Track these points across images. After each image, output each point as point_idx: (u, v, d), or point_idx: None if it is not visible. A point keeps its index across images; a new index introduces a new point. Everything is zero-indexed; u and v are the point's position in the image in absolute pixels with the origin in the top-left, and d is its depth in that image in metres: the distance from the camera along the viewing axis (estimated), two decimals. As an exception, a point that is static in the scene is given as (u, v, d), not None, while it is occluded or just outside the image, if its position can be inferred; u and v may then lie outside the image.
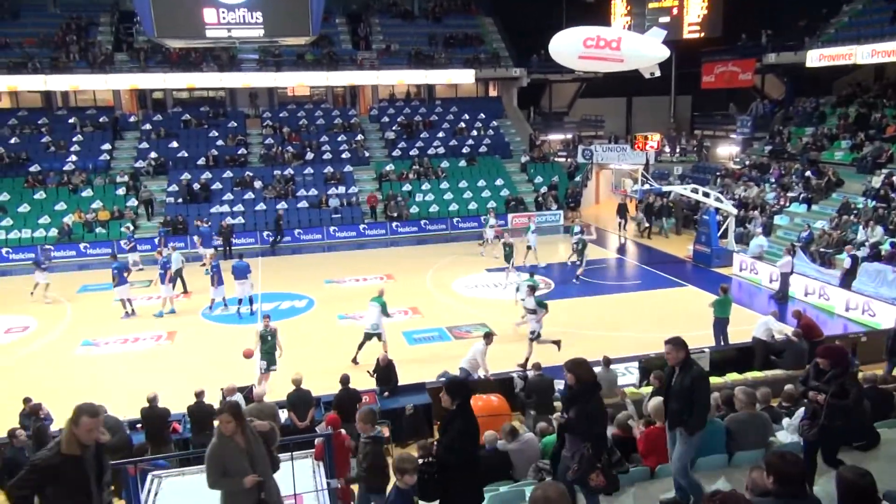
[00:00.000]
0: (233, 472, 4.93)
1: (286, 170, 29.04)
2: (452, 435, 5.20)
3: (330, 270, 21.72)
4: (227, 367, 13.57)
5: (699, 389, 5.81)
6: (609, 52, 14.96)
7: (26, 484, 4.28)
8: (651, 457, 6.81)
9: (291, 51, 31.15)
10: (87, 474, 4.38)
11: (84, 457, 4.37)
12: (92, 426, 4.37)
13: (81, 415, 4.37)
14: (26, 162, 27.56)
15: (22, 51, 29.53)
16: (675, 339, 5.90)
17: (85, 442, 4.39)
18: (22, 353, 15.15)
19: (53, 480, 4.28)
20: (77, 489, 4.34)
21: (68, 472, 4.30)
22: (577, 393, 5.47)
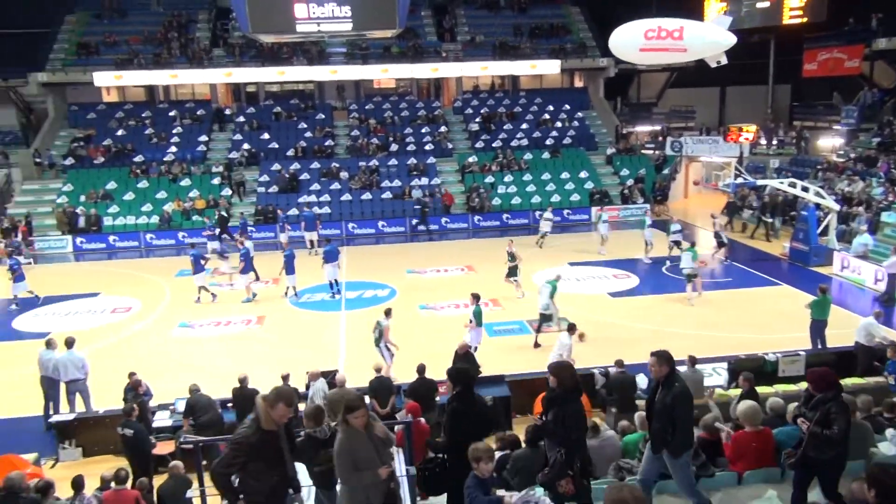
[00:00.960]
0: (363, 465, 4.92)
1: (371, 161, 29.58)
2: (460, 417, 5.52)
3: (412, 261, 21.99)
4: (312, 352, 14.03)
5: (680, 408, 5.53)
6: (671, 43, 14.50)
7: (234, 461, 4.51)
8: (739, 462, 6.54)
9: (378, 44, 31.66)
10: (281, 447, 4.61)
11: (279, 432, 4.60)
12: (285, 413, 4.59)
13: (279, 400, 4.56)
14: (131, 153, 29.27)
15: (128, 48, 31.37)
16: (660, 352, 5.69)
17: (279, 421, 4.63)
18: (126, 333, 16.15)
19: (255, 456, 4.50)
20: (274, 462, 4.56)
21: (267, 446, 4.51)
22: (558, 396, 5.42)
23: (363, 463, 4.89)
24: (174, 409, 10.41)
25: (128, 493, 7.48)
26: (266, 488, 4.60)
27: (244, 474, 4.58)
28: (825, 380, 5.60)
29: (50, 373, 11.22)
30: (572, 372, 5.58)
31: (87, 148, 29.34)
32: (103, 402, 11.36)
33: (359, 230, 26.70)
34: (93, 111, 31.85)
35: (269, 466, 4.59)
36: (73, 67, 30.69)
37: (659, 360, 5.63)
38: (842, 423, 5.34)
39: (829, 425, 5.31)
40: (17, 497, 6.32)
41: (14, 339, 15.58)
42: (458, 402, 5.62)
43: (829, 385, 5.54)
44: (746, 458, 6.46)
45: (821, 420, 5.38)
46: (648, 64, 27.79)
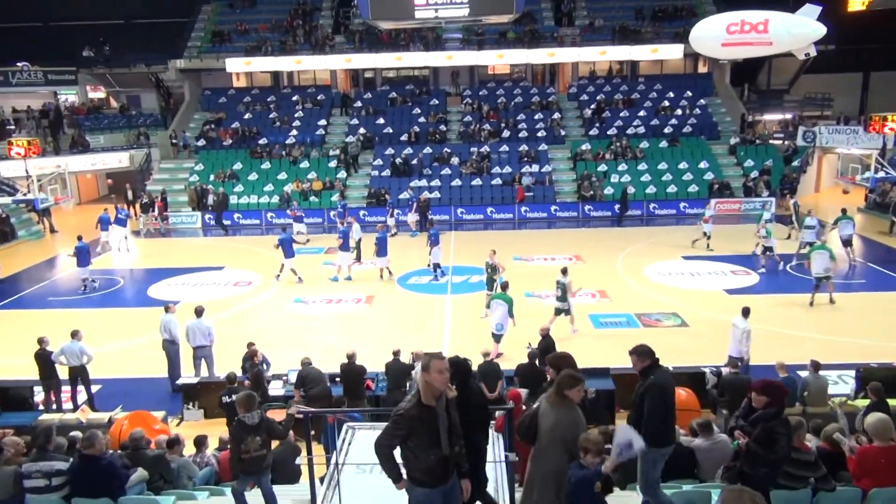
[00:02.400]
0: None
1: (482, 147, 29.61)
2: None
3: (519, 248, 21.86)
4: (418, 333, 14.30)
5: (649, 399, 5.25)
6: (755, 36, 13.74)
7: (394, 434, 4.59)
8: (864, 479, 6.03)
9: (494, 29, 31.55)
10: (438, 426, 4.58)
11: (437, 409, 4.59)
12: (442, 367, 4.53)
13: (431, 360, 4.56)
14: (256, 135, 30.89)
15: (257, 35, 33.03)
16: (639, 347, 5.48)
17: (439, 387, 4.56)
18: (245, 305, 17.14)
19: (414, 431, 4.55)
20: (431, 439, 4.57)
21: (425, 423, 4.53)
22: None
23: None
24: (287, 380, 10.95)
25: (242, 454, 7.95)
26: (423, 466, 4.59)
27: (405, 449, 4.62)
28: (776, 393, 5.28)
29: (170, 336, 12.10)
30: (571, 363, 5.46)
31: (217, 130, 31.25)
32: (224, 369, 12.12)
33: (467, 215, 26.86)
34: (223, 96, 33.86)
35: (426, 444, 4.57)
36: (207, 54, 32.72)
37: (639, 357, 5.42)
38: (785, 443, 5.13)
39: (772, 445, 5.09)
40: (140, 452, 6.88)
41: (148, 306, 16.93)
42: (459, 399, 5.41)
43: (778, 399, 5.25)
44: (873, 474, 5.94)
45: (762, 438, 5.14)
46: (731, 59, 26.44)
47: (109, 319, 16.14)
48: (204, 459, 7.78)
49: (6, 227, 24.77)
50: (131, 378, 12.58)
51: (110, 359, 12.93)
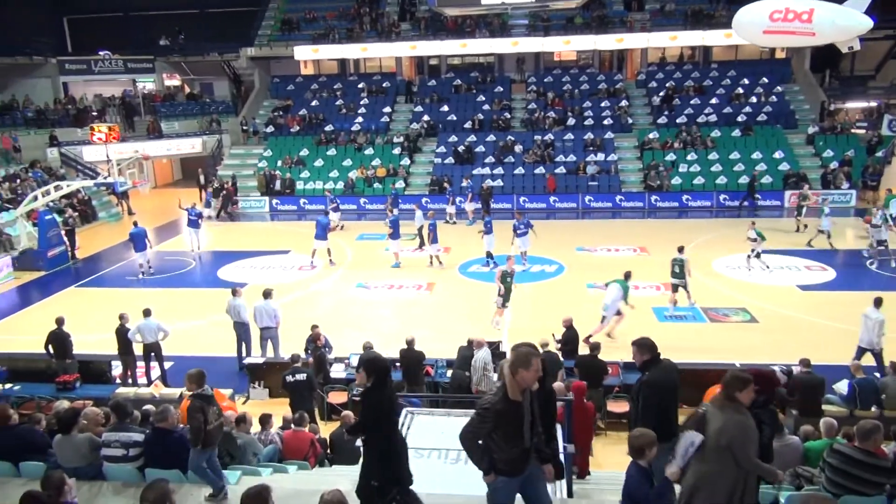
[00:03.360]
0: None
1: (546, 135, 29.26)
2: (364, 411, 5.33)
3: (582, 238, 21.57)
4: (477, 321, 14.30)
5: (643, 397, 5.32)
6: (798, 26, 13.16)
7: (479, 427, 4.63)
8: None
9: (561, 14, 31.02)
10: (522, 420, 4.58)
11: (523, 404, 4.57)
12: (539, 365, 4.50)
13: (531, 357, 4.49)
14: (322, 122, 31.41)
15: (325, 23, 33.49)
16: (641, 339, 5.56)
17: (529, 383, 4.53)
18: (310, 289, 17.53)
19: (498, 424, 4.57)
20: (515, 433, 4.58)
21: (510, 417, 4.53)
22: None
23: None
24: (349, 363, 11.16)
25: (305, 434, 8.17)
26: (506, 457, 4.60)
27: (489, 441, 4.63)
28: (764, 381, 5.22)
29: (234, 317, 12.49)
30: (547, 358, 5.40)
31: (285, 117, 31.93)
32: (289, 350, 12.45)
33: (530, 204, 26.61)
34: (292, 83, 34.55)
35: (510, 437, 4.56)
36: (277, 42, 33.41)
37: (640, 349, 5.45)
38: (769, 431, 5.07)
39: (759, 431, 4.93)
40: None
41: (218, 287, 17.51)
42: (375, 396, 5.36)
43: (766, 387, 5.22)
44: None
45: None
46: (772, 47, 25.74)
47: (181, 299, 16.80)
48: (268, 437, 8.02)
49: (88, 209, 26.06)
50: (201, 356, 13.06)
51: (181, 337, 13.44)
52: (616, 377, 10.40)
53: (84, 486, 5.84)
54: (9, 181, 24.84)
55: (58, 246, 20.28)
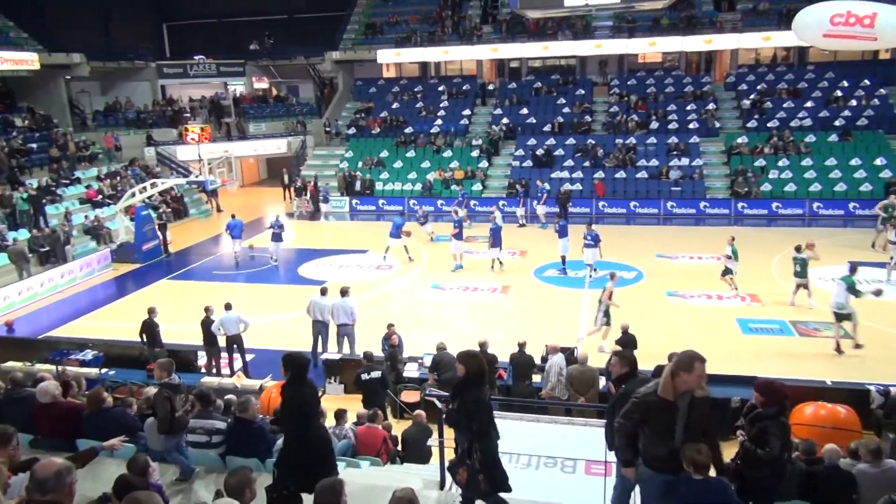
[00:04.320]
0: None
1: (628, 138, 28.62)
2: (280, 405, 5.58)
3: (663, 244, 20.97)
4: (551, 326, 14.15)
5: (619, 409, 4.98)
6: (860, 30, 12.71)
7: (630, 415, 4.67)
8: None
9: (647, 16, 30.28)
10: (674, 420, 4.48)
11: (677, 404, 4.48)
12: (704, 371, 4.41)
13: (694, 361, 4.42)
14: (402, 124, 31.85)
15: (407, 27, 33.96)
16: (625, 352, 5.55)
17: (691, 387, 4.42)
18: (386, 288, 17.80)
19: (648, 418, 4.57)
20: (665, 430, 4.51)
21: (660, 414, 4.51)
22: (461, 383, 5.30)
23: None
24: (422, 363, 11.25)
25: (378, 431, 8.28)
26: (654, 452, 4.58)
27: (641, 435, 4.64)
28: (774, 393, 5.08)
29: (318, 316, 12.79)
30: (480, 361, 5.36)
31: (366, 119, 32.57)
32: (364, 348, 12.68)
33: (609, 209, 26.12)
34: (374, 86, 35.21)
35: (659, 434, 4.50)
36: (360, 46, 34.12)
37: (620, 361, 5.41)
38: (776, 444, 4.89)
39: (764, 444, 4.91)
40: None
41: (298, 284, 18.04)
42: (286, 389, 5.56)
43: (775, 400, 5.06)
44: None
45: (756, 437, 4.97)
46: (833, 50, 24.69)
47: (264, 294, 17.40)
48: (343, 432, 8.18)
49: (180, 206, 27.39)
50: (281, 350, 13.43)
51: (263, 331, 13.92)
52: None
53: (170, 469, 6.12)
54: (110, 178, 26.42)
55: (152, 240, 21.41)
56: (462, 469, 5.20)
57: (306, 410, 5.49)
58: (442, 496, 6.01)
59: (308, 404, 5.53)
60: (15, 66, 25.78)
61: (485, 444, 5.15)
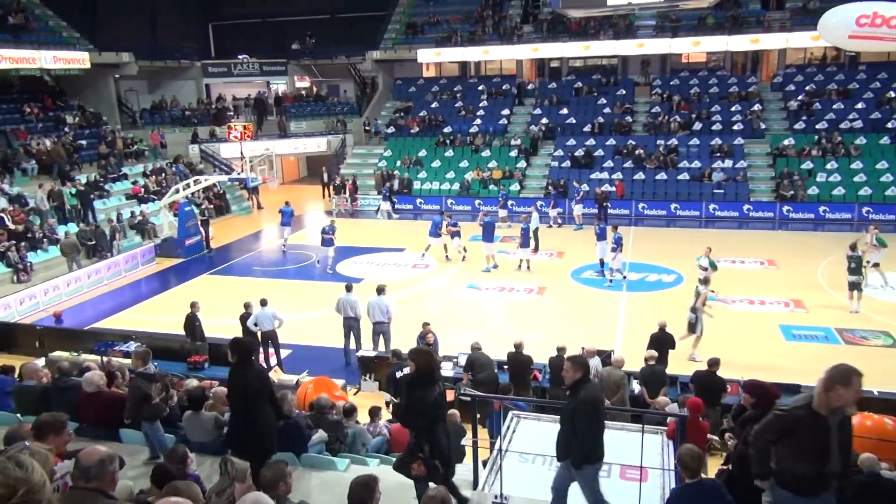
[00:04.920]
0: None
1: (670, 139, 28.16)
2: (229, 386, 6.00)
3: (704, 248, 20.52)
4: (588, 328, 14.01)
5: (580, 416, 5.15)
6: (886, 31, 12.57)
7: (768, 428, 4.36)
8: None
9: (692, 14, 29.74)
10: (826, 438, 4.18)
11: (829, 420, 4.16)
12: (860, 387, 4.11)
13: (852, 375, 4.06)
14: (441, 124, 31.89)
15: (448, 26, 33.99)
16: (578, 356, 5.59)
17: (847, 402, 4.15)
18: (422, 287, 17.84)
19: (794, 433, 4.23)
20: (811, 451, 4.18)
21: (810, 430, 4.17)
22: (410, 381, 5.48)
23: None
24: (456, 362, 11.25)
25: (411, 429, 8.30)
26: (794, 471, 4.24)
27: (781, 448, 4.30)
28: (764, 394, 5.07)
29: (350, 313, 12.87)
30: (429, 359, 5.51)
31: (405, 118, 32.71)
32: (400, 346, 12.72)
33: (649, 211, 25.75)
34: (413, 85, 35.34)
35: (804, 453, 4.18)
36: (401, 46, 34.27)
37: (573, 366, 5.30)
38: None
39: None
40: (323, 415, 7.42)
41: (335, 281, 18.20)
42: (232, 373, 5.92)
43: (765, 401, 5.01)
44: None
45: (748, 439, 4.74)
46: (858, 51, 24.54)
47: (301, 291, 17.61)
48: (377, 429, 8.22)
49: (222, 203, 27.91)
50: (316, 346, 13.63)
51: (299, 327, 14.09)
52: (736, 396, 9.80)
53: (207, 460, 6.23)
54: (155, 174, 27.06)
55: (195, 235, 21.85)
56: (417, 464, 5.39)
57: (252, 393, 5.79)
58: (475, 496, 6.00)
59: (253, 387, 5.81)
60: (67, 65, 26.58)
61: (430, 440, 5.34)
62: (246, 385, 5.80)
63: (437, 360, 5.79)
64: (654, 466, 6.26)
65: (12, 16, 26.00)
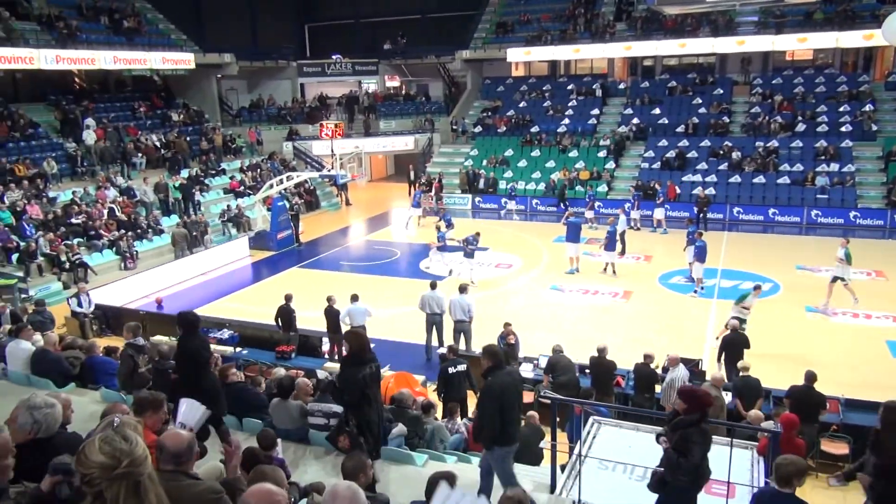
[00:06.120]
0: None
1: (770, 141, 26.81)
2: (178, 354, 6.50)
3: (804, 256, 19.47)
4: (674, 336, 13.56)
5: (485, 399, 5.66)
6: None
7: None
8: None
9: (798, 10, 28.19)
10: None
11: None
12: None
13: None
14: (529, 123, 31.65)
15: (539, 25, 33.69)
16: (487, 346, 5.91)
17: None
18: (505, 287, 17.78)
19: None
20: None
21: None
22: (343, 361, 6.04)
23: None
24: (537, 364, 11.13)
25: (489, 429, 8.28)
26: None
27: None
28: (697, 400, 5.16)
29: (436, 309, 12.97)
30: (361, 342, 5.92)
31: (493, 118, 32.67)
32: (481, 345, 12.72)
33: (745, 216, 24.64)
34: (502, 84, 35.24)
35: None
36: (490, 45, 34.27)
37: (484, 356, 5.74)
38: (698, 452, 4.98)
39: (686, 452, 4.96)
40: (403, 410, 7.52)
41: (419, 278, 18.40)
42: (182, 341, 6.41)
43: (698, 406, 5.11)
44: None
45: (679, 444, 5.03)
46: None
47: (385, 286, 17.91)
48: (455, 426, 8.26)
49: (312, 198, 28.79)
50: (398, 341, 13.82)
51: (383, 322, 14.33)
52: (835, 414, 9.24)
53: (291, 447, 6.45)
54: (251, 170, 28.25)
55: (286, 229, 22.66)
56: (342, 437, 5.84)
57: (198, 359, 6.35)
58: (552, 500, 5.92)
59: (200, 354, 6.39)
60: (174, 65, 28.16)
61: (357, 414, 5.78)
62: (193, 352, 6.34)
63: (369, 344, 6.19)
64: (743, 483, 5.97)
65: (127, 20, 27.81)
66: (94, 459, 2.08)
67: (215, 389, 6.41)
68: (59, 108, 25.28)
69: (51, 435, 3.57)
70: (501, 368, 5.69)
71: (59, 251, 17.99)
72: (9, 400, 4.07)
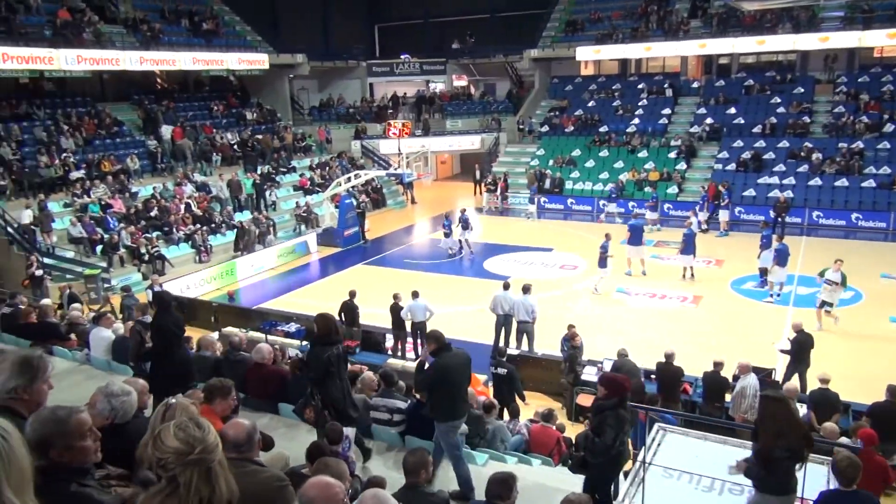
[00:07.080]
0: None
1: (854, 142, 25.50)
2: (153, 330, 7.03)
3: (890, 264, 18.44)
4: (745, 343, 13.08)
5: (428, 377, 5.92)
6: None
7: None
8: None
9: (888, 4, 26.72)
10: None
11: None
12: None
13: None
14: (597, 123, 31.14)
15: (609, 23, 33.08)
16: (431, 331, 6.31)
17: None
18: (569, 288, 17.56)
19: None
20: None
21: None
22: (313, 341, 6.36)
23: None
24: (601, 368, 10.95)
25: (552, 431, 8.22)
26: None
27: None
28: (614, 386, 5.49)
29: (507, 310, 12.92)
30: (328, 322, 6.16)
31: (560, 117, 32.29)
32: (543, 346, 12.64)
33: (825, 220, 23.53)
34: (570, 84, 34.77)
35: None
36: (559, 44, 33.89)
37: (427, 341, 6.17)
38: (611, 434, 5.25)
39: (601, 433, 5.28)
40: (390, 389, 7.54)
41: (482, 277, 18.41)
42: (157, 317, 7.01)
43: (615, 392, 5.41)
44: None
45: (596, 426, 5.36)
46: None
47: (449, 285, 17.99)
48: (516, 427, 8.22)
49: (379, 196, 29.18)
50: (462, 340, 13.79)
51: (447, 320, 14.37)
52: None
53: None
54: (320, 168, 28.86)
55: (353, 227, 23.05)
56: (307, 409, 6.12)
57: (169, 335, 6.81)
58: (614, 507, 5.81)
59: (172, 330, 6.86)
60: (249, 66, 29.06)
61: (321, 390, 6.00)
62: (167, 328, 6.84)
63: (338, 327, 6.53)
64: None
65: (206, 22, 28.87)
66: (169, 445, 2.16)
67: (186, 361, 7.08)
68: (141, 108, 26.49)
69: (127, 420, 3.72)
70: (448, 350, 5.98)
71: (139, 244, 18.87)
72: (91, 384, 4.28)
